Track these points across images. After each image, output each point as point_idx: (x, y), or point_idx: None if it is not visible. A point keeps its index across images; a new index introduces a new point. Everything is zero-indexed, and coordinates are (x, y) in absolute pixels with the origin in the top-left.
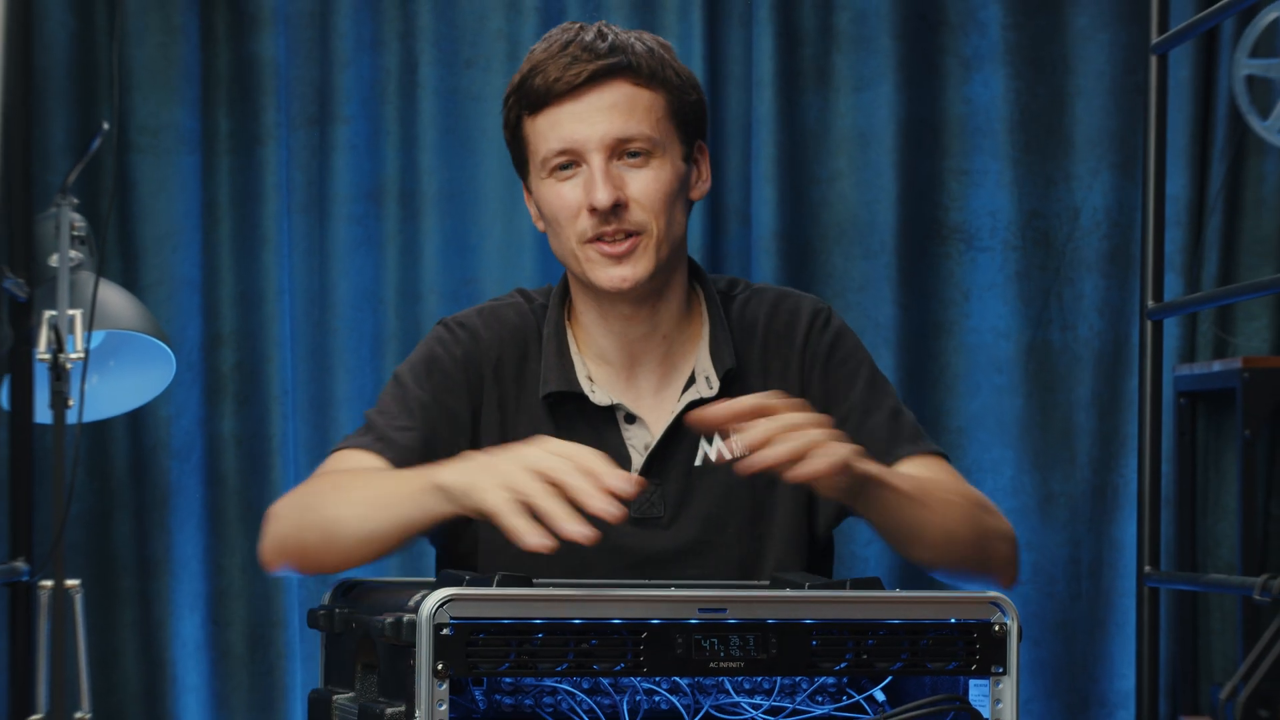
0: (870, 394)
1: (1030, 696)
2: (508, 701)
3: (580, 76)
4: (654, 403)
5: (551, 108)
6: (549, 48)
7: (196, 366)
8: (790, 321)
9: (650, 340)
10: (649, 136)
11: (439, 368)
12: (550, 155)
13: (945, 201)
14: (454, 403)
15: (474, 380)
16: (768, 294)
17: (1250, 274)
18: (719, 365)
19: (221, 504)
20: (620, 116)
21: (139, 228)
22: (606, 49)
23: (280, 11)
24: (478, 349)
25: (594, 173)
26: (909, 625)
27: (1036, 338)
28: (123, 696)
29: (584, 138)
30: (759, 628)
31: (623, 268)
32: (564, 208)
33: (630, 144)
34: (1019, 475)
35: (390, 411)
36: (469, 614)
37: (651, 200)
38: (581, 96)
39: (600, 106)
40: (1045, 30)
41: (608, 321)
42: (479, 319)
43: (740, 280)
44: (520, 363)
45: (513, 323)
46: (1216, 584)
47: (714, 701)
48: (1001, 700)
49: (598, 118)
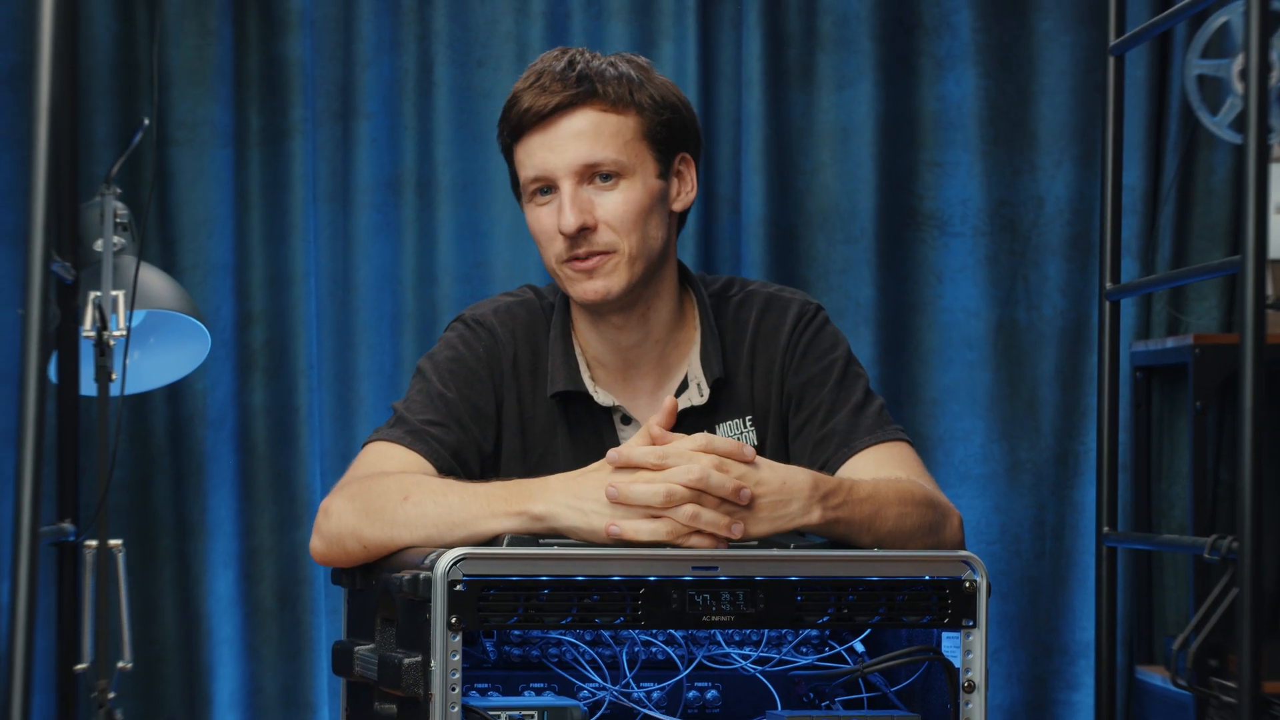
0: (838, 391)
1: (998, 647)
2: (516, 652)
3: (548, 107)
4: (649, 403)
5: (527, 136)
6: (527, 78)
7: (230, 343)
8: (777, 323)
9: (643, 346)
10: (615, 160)
11: (464, 366)
12: (528, 182)
13: (920, 191)
14: (479, 399)
15: (496, 377)
16: (760, 295)
17: (1201, 258)
18: (708, 374)
19: (253, 470)
20: (587, 143)
21: (177, 215)
22: (575, 78)
23: (307, 15)
24: (497, 347)
25: (563, 199)
26: (886, 582)
27: (1004, 317)
28: (162, 648)
29: (554, 165)
30: (748, 584)
31: (594, 282)
32: (542, 231)
33: (599, 168)
34: (988, 444)
35: (419, 407)
36: (480, 571)
37: (620, 220)
38: (551, 125)
39: (569, 134)
40: (1012, 32)
41: (600, 329)
42: (495, 318)
43: (736, 280)
44: (534, 359)
45: (525, 321)
46: (1170, 544)
47: (706, 652)
48: (972, 651)
49: (566, 145)
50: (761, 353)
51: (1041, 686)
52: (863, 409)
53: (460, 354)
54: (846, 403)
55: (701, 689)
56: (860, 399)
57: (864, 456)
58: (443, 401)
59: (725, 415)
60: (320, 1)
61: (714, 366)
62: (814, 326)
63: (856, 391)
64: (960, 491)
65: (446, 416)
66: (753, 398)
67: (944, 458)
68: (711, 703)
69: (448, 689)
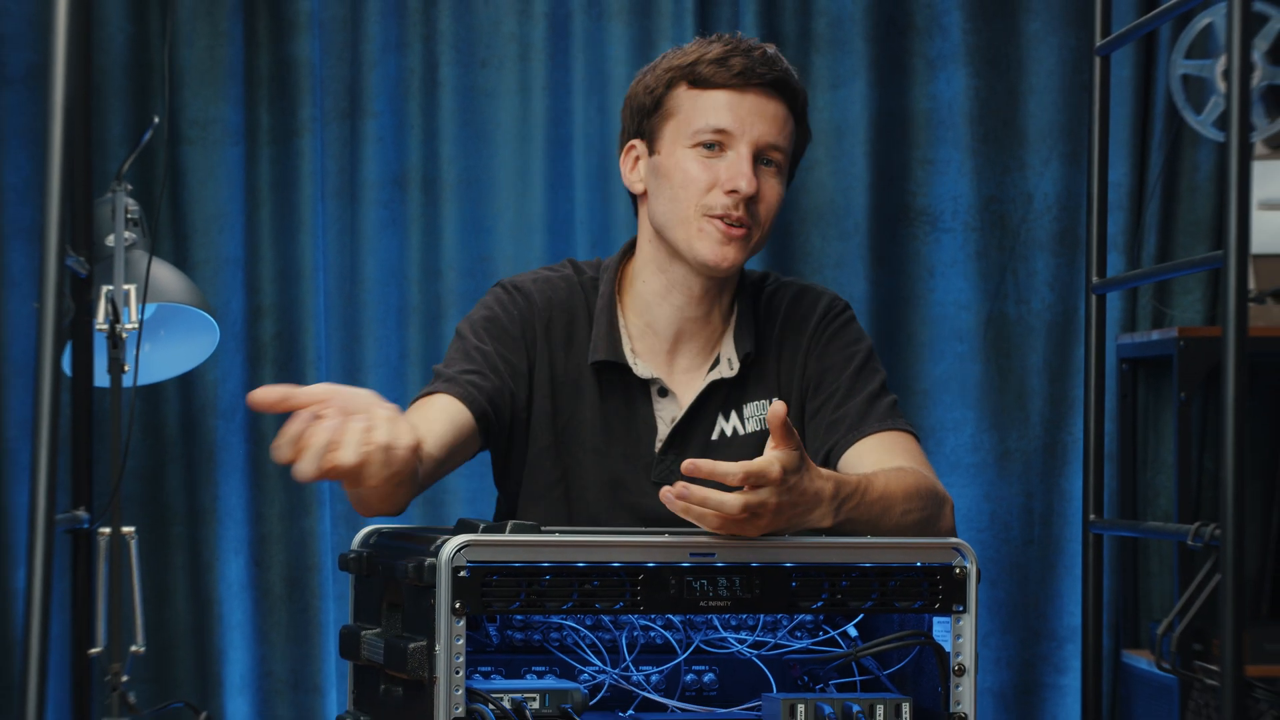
0: (856, 379)
1: (988, 632)
2: (518, 636)
3: (764, 78)
4: (685, 379)
5: (724, 90)
6: (728, 45)
7: (240, 336)
8: (807, 312)
9: (697, 323)
10: (784, 153)
11: (498, 325)
12: (707, 129)
13: (912, 188)
14: (512, 356)
15: (530, 338)
16: (793, 287)
17: (1185, 252)
18: (740, 350)
19: (262, 459)
20: (775, 126)
21: (189, 211)
22: (782, 69)
23: (315, 17)
24: (531, 311)
25: (742, 161)
26: (879, 568)
27: (994, 310)
28: (173, 632)
29: (744, 127)
30: (744, 570)
31: (729, 248)
32: (696, 179)
33: (770, 152)
34: (978, 434)
35: (455, 361)
36: (484, 558)
37: (770, 203)
38: (752, 93)
39: (763, 111)
40: (1001, 34)
41: (671, 295)
42: (533, 285)
43: (772, 273)
44: (568, 328)
45: (563, 291)
46: (1154, 531)
47: (703, 636)
48: (962, 635)
49: (758, 118)
50: (789, 338)
51: (1030, 670)
52: (877, 399)
53: (495, 314)
54: (862, 391)
55: (699, 672)
56: (876, 389)
57: (870, 441)
58: (479, 354)
59: (754, 395)
60: (328, 3)
61: (745, 344)
62: (842, 319)
63: (873, 383)
64: (951, 480)
65: (482, 365)
66: (779, 379)
67: (935, 447)
68: (709, 685)
69: (452, 672)
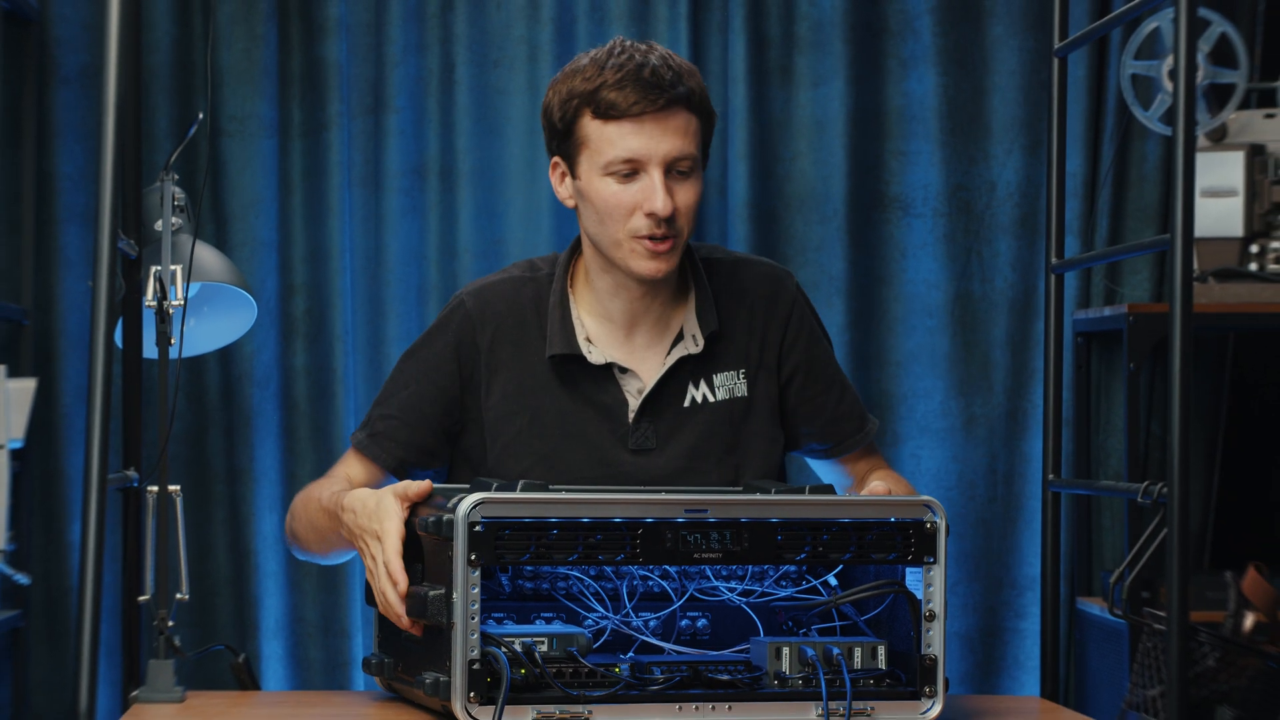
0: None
1: (955, 581)
2: (528, 585)
3: (657, 104)
4: (646, 355)
5: (625, 121)
6: (623, 68)
7: (274, 312)
8: (777, 292)
9: (650, 305)
10: (694, 155)
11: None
12: (615, 161)
13: (886, 177)
14: (441, 379)
15: (470, 355)
16: (753, 262)
17: (1134, 236)
18: (705, 328)
19: (294, 424)
20: (680, 138)
21: (228, 199)
22: (673, 80)
23: (343, 21)
24: (471, 327)
25: (655, 184)
26: (857, 523)
27: (961, 288)
28: (215, 581)
29: (650, 153)
30: (734, 525)
31: (658, 262)
32: (619, 205)
33: (681, 162)
34: (947, 400)
35: (385, 400)
36: (497, 514)
37: (690, 209)
38: (653, 119)
39: (666, 129)
40: (967, 37)
41: (619, 292)
42: (473, 301)
43: (719, 247)
44: (519, 329)
45: (508, 297)
46: (1107, 489)
47: (697, 585)
48: (932, 584)
49: (662, 138)
50: (759, 315)
51: (993, 616)
52: (848, 387)
53: (430, 342)
54: (844, 384)
55: (693, 618)
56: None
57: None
58: (406, 394)
59: (722, 367)
60: (355, 9)
61: (710, 321)
62: (807, 307)
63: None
64: (921, 443)
65: (405, 408)
66: (747, 354)
67: (907, 413)
68: (702, 630)
69: (468, 618)
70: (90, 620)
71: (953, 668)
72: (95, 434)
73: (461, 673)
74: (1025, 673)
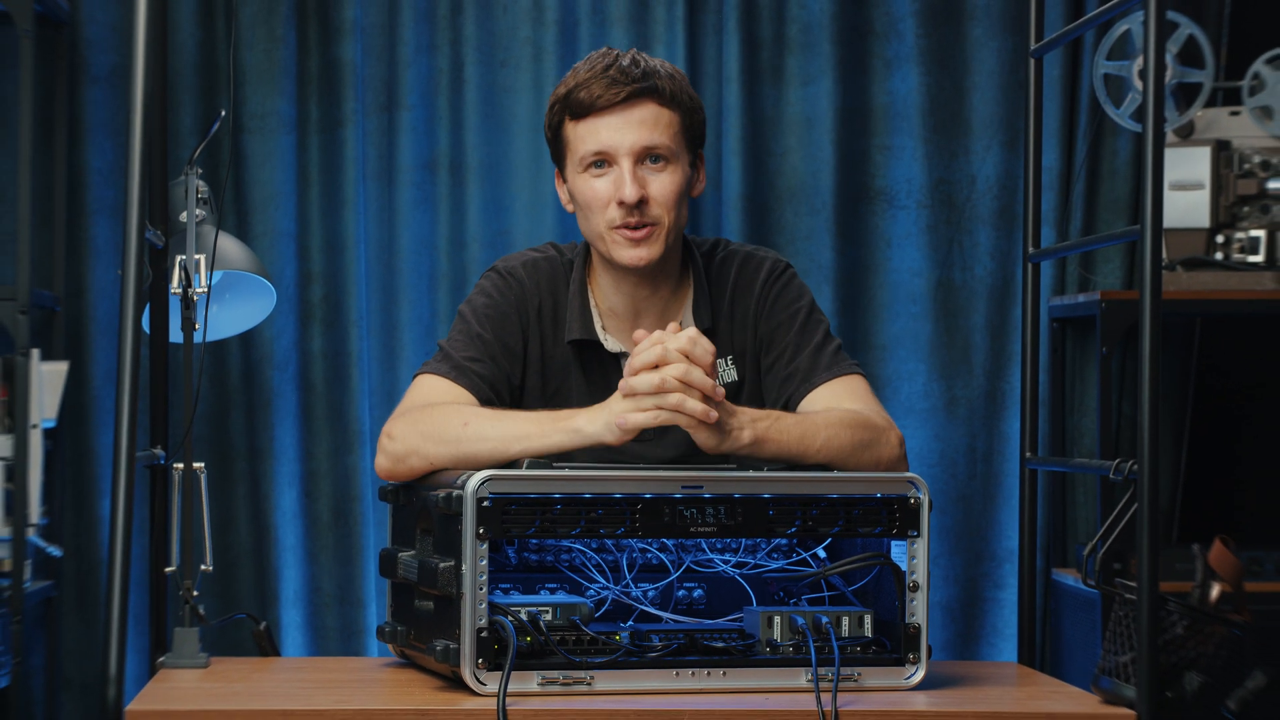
0: (801, 334)
1: (938, 554)
2: (533, 558)
3: (619, 95)
4: None
5: (593, 117)
6: (592, 69)
7: (293, 299)
8: (752, 277)
9: (651, 299)
10: (668, 146)
11: (496, 310)
12: (588, 155)
13: (872, 171)
14: (509, 339)
15: (523, 320)
16: (740, 253)
17: (1107, 227)
18: (700, 323)
19: (312, 405)
20: (647, 129)
21: (249, 192)
22: (640, 74)
23: (358, 24)
24: (524, 295)
25: (624, 174)
26: (845, 499)
27: (942, 276)
28: (237, 554)
29: (617, 144)
30: (728, 500)
31: (639, 250)
32: (595, 198)
33: (653, 151)
34: (929, 383)
35: (460, 345)
36: (504, 490)
37: (666, 198)
38: (618, 111)
39: (633, 120)
40: (949, 38)
41: (620, 284)
42: (523, 270)
43: (722, 240)
44: (555, 308)
45: (548, 273)
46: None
47: (693, 558)
48: (916, 557)
49: (630, 129)
50: (739, 302)
51: (973, 586)
52: (822, 349)
53: (494, 300)
54: (808, 344)
55: (689, 588)
56: (820, 340)
57: (822, 390)
58: (480, 341)
59: (718, 355)
60: (370, 11)
61: (704, 316)
62: (783, 280)
63: (817, 334)
64: (905, 423)
65: (483, 353)
66: (733, 341)
67: (892, 395)
68: (698, 600)
69: (476, 589)
70: (119, 590)
71: (935, 635)
72: (124, 414)
73: (470, 640)
74: (1003, 640)
